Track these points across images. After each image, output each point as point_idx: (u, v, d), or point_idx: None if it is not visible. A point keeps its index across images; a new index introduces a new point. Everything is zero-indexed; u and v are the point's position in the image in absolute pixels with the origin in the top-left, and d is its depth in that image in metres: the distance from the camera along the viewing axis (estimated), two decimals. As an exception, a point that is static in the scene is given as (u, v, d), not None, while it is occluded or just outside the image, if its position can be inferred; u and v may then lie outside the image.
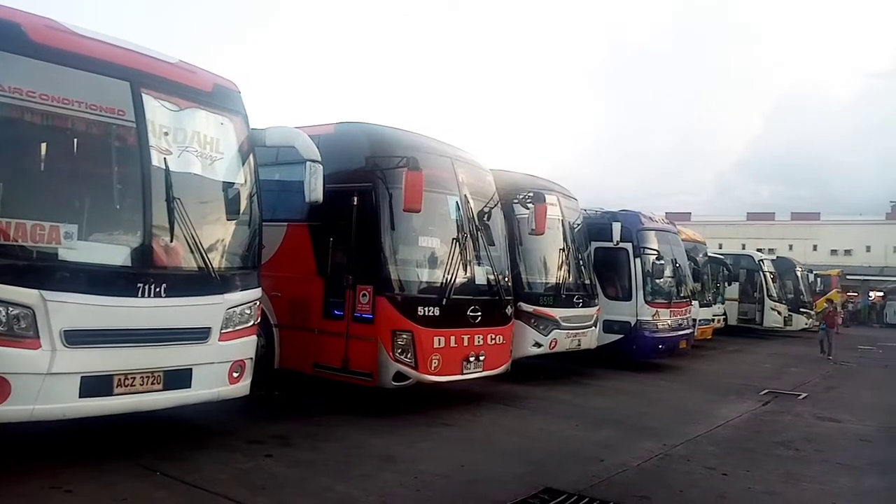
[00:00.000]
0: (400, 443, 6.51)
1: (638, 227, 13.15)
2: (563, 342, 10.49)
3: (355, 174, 7.71)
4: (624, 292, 12.84)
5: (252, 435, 6.30)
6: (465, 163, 8.71)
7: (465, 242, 8.13)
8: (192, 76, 5.90)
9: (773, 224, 56.98)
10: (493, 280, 8.54)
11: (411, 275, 7.70)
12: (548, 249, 10.78)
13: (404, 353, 7.29)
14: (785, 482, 6.10)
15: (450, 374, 7.75)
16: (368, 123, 8.17)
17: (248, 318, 6.01)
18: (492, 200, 8.90)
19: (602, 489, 5.51)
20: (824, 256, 50.27)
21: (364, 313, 7.38)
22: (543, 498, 5.16)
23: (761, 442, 7.72)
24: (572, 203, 11.84)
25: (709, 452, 7.02)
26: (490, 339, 8.25)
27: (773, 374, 14.28)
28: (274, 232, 7.70)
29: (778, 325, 24.26)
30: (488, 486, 5.40)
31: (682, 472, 6.22)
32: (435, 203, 7.98)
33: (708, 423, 8.50)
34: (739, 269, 23.81)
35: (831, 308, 20.16)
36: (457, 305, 7.83)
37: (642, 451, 6.84)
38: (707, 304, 18.46)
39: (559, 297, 10.63)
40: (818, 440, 7.96)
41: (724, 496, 5.57)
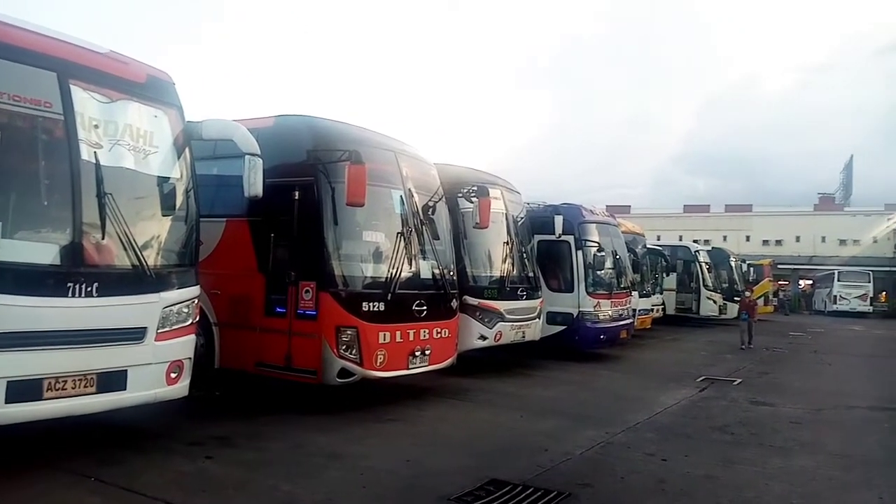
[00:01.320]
0: (345, 440, 6.46)
1: (579, 220, 13.36)
2: (507, 334, 10.59)
3: (296, 168, 7.57)
4: (566, 284, 13.03)
5: (192, 437, 6.14)
6: (409, 157, 8.67)
7: (410, 237, 8.09)
8: (124, 67, 5.69)
9: (708, 216, 58.75)
10: (438, 274, 8.54)
11: (355, 270, 7.63)
12: (492, 243, 10.85)
13: (349, 350, 7.22)
14: (722, 465, 6.31)
15: (395, 369, 7.72)
16: (309, 116, 8.03)
17: (185, 317, 5.85)
18: (436, 194, 8.88)
19: (547, 478, 5.58)
20: (757, 247, 52.12)
21: (307, 310, 7.27)
22: (489, 489, 5.20)
23: (699, 427, 7.97)
24: (515, 197, 11.94)
25: (649, 439, 7.20)
26: (436, 332, 8.26)
27: (709, 361, 14.75)
28: (212, 228, 7.52)
29: (714, 313, 25.09)
30: (434, 479, 5.41)
31: (624, 459, 6.36)
32: (379, 197, 7.92)
33: (648, 410, 8.71)
34: (677, 260, 24.51)
35: (749, 297, 19.80)
36: (402, 300, 7.80)
37: (585, 439, 6.97)
38: (646, 295, 18.93)
39: (504, 289, 10.72)
40: (752, 424, 8.26)
41: (664, 481, 5.72)
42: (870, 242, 50.82)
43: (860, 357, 17.30)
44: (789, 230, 54.85)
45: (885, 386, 12.05)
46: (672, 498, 5.28)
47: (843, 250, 51.52)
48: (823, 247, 52.93)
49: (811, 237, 53.67)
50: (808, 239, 53.65)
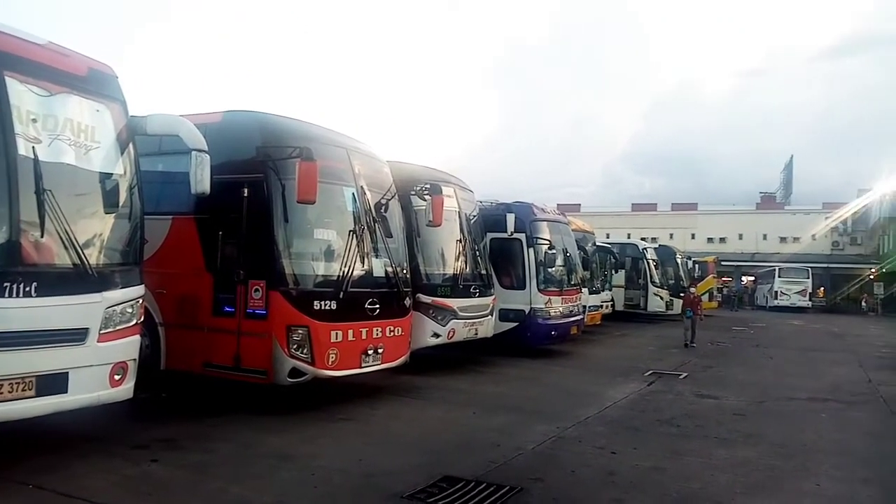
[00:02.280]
0: (296, 440, 6.38)
1: (531, 218, 13.49)
2: (460, 332, 10.63)
3: (245, 165, 7.44)
4: (518, 281, 13.16)
5: (137, 440, 5.98)
6: (362, 154, 8.60)
7: (362, 234, 8.03)
8: (64, 59, 5.49)
9: (655, 214, 60.08)
10: (391, 272, 8.51)
11: (306, 268, 7.54)
12: (445, 241, 10.87)
13: (300, 349, 7.13)
14: (669, 457, 6.46)
15: (348, 367, 7.66)
16: (258, 112, 7.89)
17: (129, 317, 5.69)
18: (389, 192, 8.84)
19: (499, 473, 5.63)
20: (701, 244, 53.56)
21: (257, 309, 7.16)
22: (442, 486, 5.21)
23: (646, 420, 8.15)
24: (468, 195, 11.99)
25: (599, 433, 7.33)
26: (388, 331, 8.22)
27: (656, 356, 15.10)
28: (158, 226, 7.35)
29: (661, 309, 25.68)
30: (387, 478, 5.39)
31: (574, 453, 6.46)
32: (330, 195, 7.84)
33: (598, 404, 8.87)
34: (625, 258, 24.97)
35: (693, 294, 18.78)
36: (354, 298, 7.75)
37: (537, 434, 7.05)
38: (596, 291, 19.27)
39: (457, 287, 10.75)
40: (698, 416, 8.49)
41: (614, 473, 5.83)
42: (809, 240, 52.74)
43: (799, 350, 17.94)
44: (733, 228, 56.56)
45: (822, 378, 12.53)
46: (621, 490, 5.38)
47: (784, 247, 53.36)
48: (765, 244, 54.77)
49: (753, 235, 55.48)
50: (750, 236, 55.44)
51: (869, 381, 12.27)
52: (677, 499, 5.23)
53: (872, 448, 7.27)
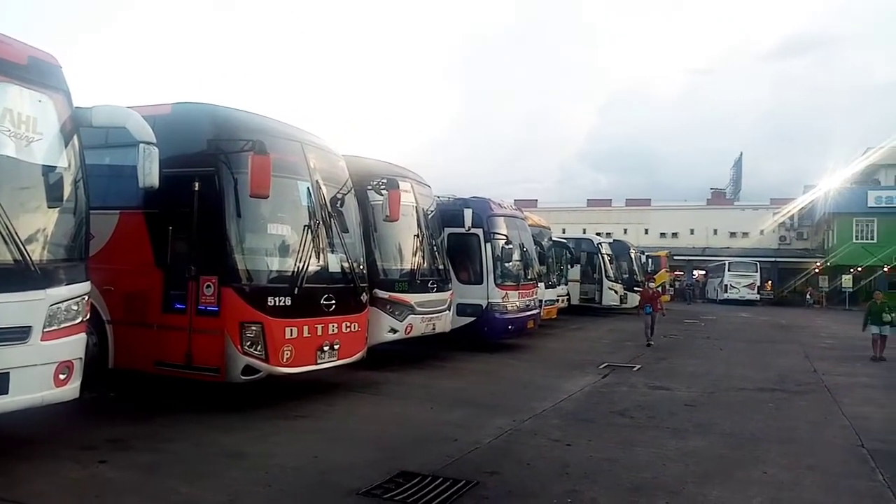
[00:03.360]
0: (250, 438, 6.28)
1: (488, 214, 13.55)
2: (418, 327, 10.62)
3: (196, 158, 7.28)
4: (476, 276, 13.19)
5: (84, 441, 5.80)
6: (317, 147, 8.50)
7: (318, 229, 7.95)
8: (3, 47, 5.27)
9: (610, 210, 61.00)
10: (347, 267, 8.43)
11: (260, 264, 7.42)
12: (402, 236, 10.83)
13: (254, 346, 7.01)
14: (622, 448, 6.57)
15: (303, 364, 7.57)
16: (209, 104, 7.71)
17: (75, 315, 5.51)
18: (345, 186, 8.76)
19: (456, 468, 5.64)
20: (654, 239, 54.64)
21: (209, 305, 7.01)
22: (398, 481, 5.19)
23: (601, 412, 8.27)
24: (426, 190, 11.97)
25: (554, 425, 7.41)
26: (345, 327, 8.15)
27: (610, 348, 15.34)
28: (105, 221, 7.16)
29: (615, 303, 26.11)
30: (343, 474, 5.34)
31: (530, 446, 6.52)
32: (284, 189, 7.74)
33: (553, 397, 8.96)
34: (580, 252, 25.33)
35: (652, 288, 17.94)
36: (309, 294, 7.66)
37: (493, 428, 7.09)
38: (552, 286, 19.46)
39: (414, 282, 10.74)
40: (650, 408, 8.65)
41: (568, 465, 5.90)
42: (757, 235, 54.21)
43: (748, 342, 18.44)
44: (684, 223, 57.81)
45: (769, 368, 12.90)
46: (575, 481, 5.44)
47: (734, 242, 54.76)
48: (715, 239, 56.11)
49: (704, 230, 56.81)
50: (701, 231, 56.76)
51: (814, 370, 12.68)
52: (630, 489, 5.31)
53: (816, 436, 7.51)
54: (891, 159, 43.02)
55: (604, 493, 5.16)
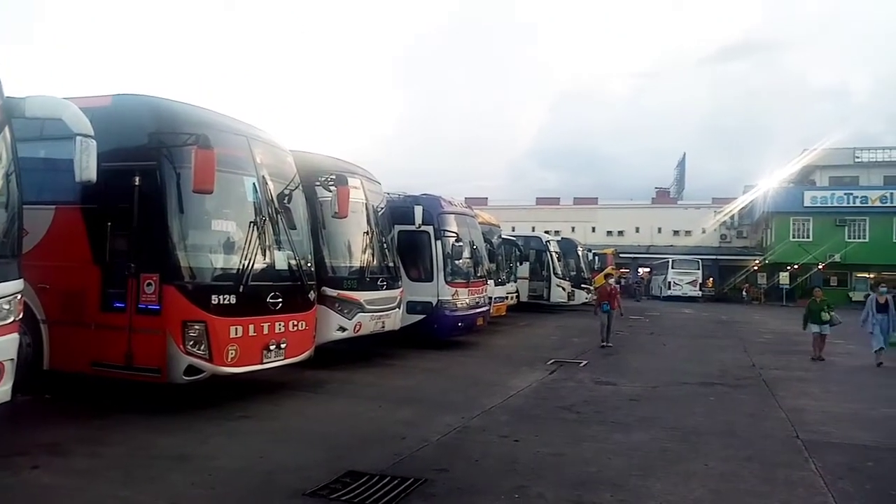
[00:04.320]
0: (193, 440, 6.13)
1: (438, 211, 13.54)
2: (367, 325, 10.53)
3: (137, 152, 7.06)
4: (426, 274, 13.18)
5: (17, 446, 5.56)
6: (263, 142, 8.33)
7: (264, 226, 7.79)
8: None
9: (558, 208, 61.81)
10: (295, 265, 8.31)
11: (203, 261, 7.23)
12: (351, 233, 10.72)
13: (197, 345, 6.84)
14: (569, 443, 6.66)
15: (248, 364, 7.42)
16: (151, 96, 7.49)
17: (6, 314, 5.29)
18: (292, 182, 8.62)
19: (404, 466, 5.62)
20: (601, 237, 55.57)
21: (150, 304, 6.80)
22: (346, 481, 5.14)
23: (548, 408, 8.36)
24: (376, 186, 11.87)
25: (503, 422, 7.46)
26: (292, 325, 8.02)
27: (558, 345, 15.55)
28: (39, 216, 6.90)
29: (563, 300, 26.46)
30: (289, 475, 5.26)
31: (479, 443, 6.54)
32: (229, 184, 7.57)
33: (502, 394, 9.02)
34: (529, 250, 25.57)
35: (611, 286, 16.42)
36: (255, 292, 7.51)
37: (442, 425, 7.09)
38: (501, 283, 19.61)
39: (363, 280, 10.65)
40: (596, 402, 8.79)
41: (516, 461, 5.94)
42: (700, 233, 55.73)
43: (690, 337, 18.95)
44: (630, 222, 59.00)
45: (710, 363, 13.27)
46: (523, 477, 5.49)
47: (677, 240, 56.18)
48: (660, 237, 57.46)
49: (649, 228, 58.11)
50: (646, 230, 58.03)
51: (753, 364, 13.11)
52: (575, 483, 5.38)
53: (754, 428, 7.75)
54: (825, 161, 44.89)
55: (550, 488, 5.22)
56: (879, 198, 41.18)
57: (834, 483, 5.58)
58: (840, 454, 6.55)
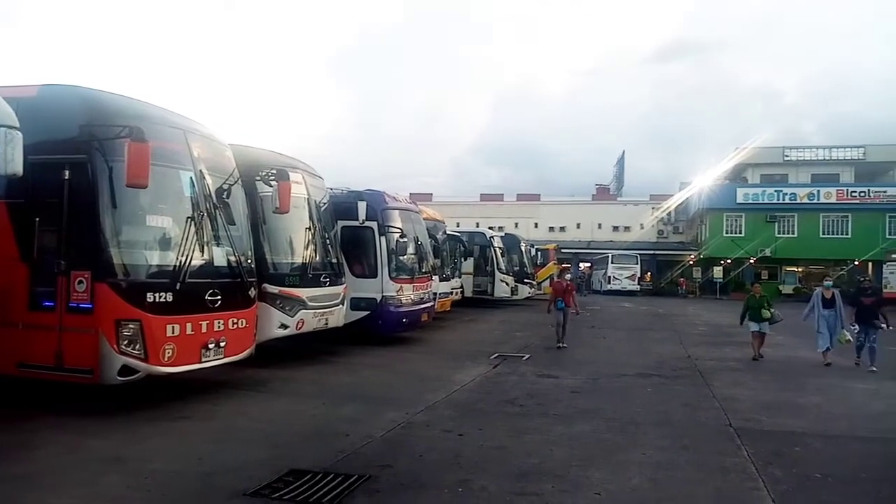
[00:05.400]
0: (128, 442, 5.95)
1: (382, 207, 13.48)
2: (310, 322, 10.41)
3: (67, 145, 6.79)
4: (370, 270, 13.11)
5: (-65, 453, 5.28)
6: (201, 136, 8.12)
7: (202, 221, 7.61)
8: None
9: (502, 204, 62.38)
10: (234, 261, 8.14)
11: (138, 258, 7.01)
12: (293, 228, 10.57)
13: (131, 345, 6.63)
14: (512, 436, 6.74)
15: (186, 363, 7.24)
16: (81, 87, 7.21)
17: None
18: (231, 177, 8.43)
19: (347, 463, 5.59)
20: (543, 233, 56.37)
21: (81, 302, 6.56)
22: (288, 480, 5.07)
23: (492, 402, 8.44)
24: (318, 181, 11.72)
25: (447, 416, 7.49)
26: (231, 323, 7.87)
27: (502, 339, 15.70)
28: (-40, 211, 6.52)
29: (506, 295, 26.77)
30: (229, 476, 5.16)
31: (423, 438, 6.56)
32: (165, 178, 7.36)
33: (446, 389, 9.06)
34: (474, 246, 25.77)
35: (566, 281, 15.54)
36: (193, 289, 7.32)
37: (387, 421, 7.07)
38: (446, 279, 19.70)
39: (306, 276, 10.51)
40: (539, 395, 8.93)
41: (460, 455, 5.98)
42: (638, 229, 57.19)
43: (629, 330, 19.41)
44: (571, 218, 60.01)
45: (648, 355, 13.64)
46: (466, 471, 5.52)
47: (617, 236, 57.46)
48: (600, 233, 58.63)
49: (590, 224, 59.24)
50: (587, 226, 59.15)
51: (688, 356, 13.53)
52: (518, 475, 5.45)
53: (690, 417, 8.01)
54: (757, 159, 46.58)
55: (493, 481, 5.27)
56: (807, 195, 43.01)
57: (764, 468, 5.82)
58: (770, 441, 6.83)
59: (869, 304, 12.13)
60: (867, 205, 41.60)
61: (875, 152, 45.68)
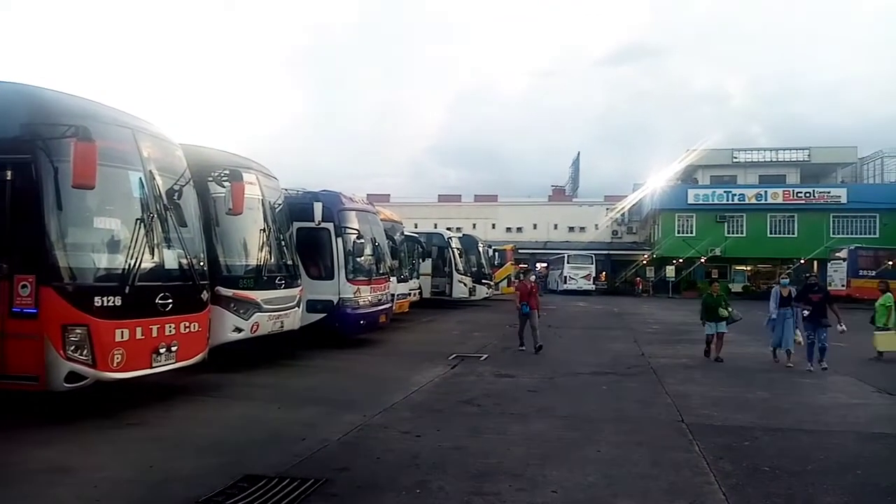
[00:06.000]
0: (77, 451, 5.77)
1: (339, 208, 13.36)
2: (265, 325, 10.25)
3: (9, 144, 6.55)
4: (326, 271, 12.99)
5: None
6: (151, 135, 7.92)
7: (152, 223, 7.43)
8: None
9: (460, 205, 62.64)
10: (186, 263, 7.96)
11: (85, 261, 6.80)
12: (247, 230, 10.40)
13: (79, 350, 6.43)
14: (469, 436, 6.76)
15: (136, 368, 7.05)
16: (24, 84, 6.96)
17: None
18: (182, 177, 8.25)
19: (304, 467, 5.52)
20: (501, 233, 56.87)
21: (25, 307, 6.33)
22: (242, 486, 4.99)
23: (450, 402, 8.45)
24: (273, 182, 11.56)
25: (404, 418, 7.47)
26: (183, 327, 7.69)
27: (460, 339, 15.75)
28: None
29: (464, 295, 26.89)
30: (182, 483, 5.05)
31: (381, 440, 6.53)
32: (113, 179, 7.16)
33: (404, 390, 9.04)
34: (432, 247, 25.81)
35: (531, 283, 14.84)
36: (143, 293, 7.13)
37: (344, 424, 7.02)
38: (404, 280, 19.67)
39: (260, 279, 10.35)
40: (496, 395, 8.98)
41: (418, 456, 5.97)
42: (593, 229, 58.09)
43: (584, 329, 19.69)
44: (528, 218, 60.65)
45: (603, 353, 13.85)
46: (425, 472, 5.52)
47: (572, 236, 58.24)
48: (556, 233, 59.41)
49: (546, 225, 59.96)
50: (543, 226, 59.85)
51: (642, 354, 13.79)
52: (476, 475, 5.47)
53: (644, 414, 8.16)
54: (707, 160, 47.86)
55: (451, 481, 5.28)
56: (755, 195, 44.32)
57: (715, 463, 5.96)
58: (720, 435, 7.00)
59: (817, 300, 11.82)
60: (812, 205, 43.10)
61: (819, 154, 47.45)
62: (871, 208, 41.82)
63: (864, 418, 8.10)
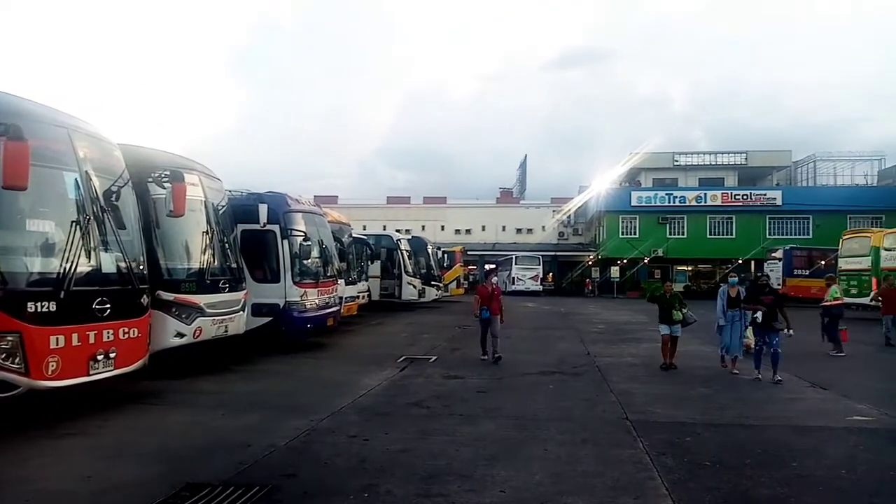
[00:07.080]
0: (8, 463, 5.54)
1: (285, 209, 13.18)
2: (208, 330, 10.01)
3: None
4: (272, 274, 12.79)
5: None
6: (87, 135, 7.66)
7: (88, 225, 7.18)
8: None
9: (408, 207, 62.57)
10: (125, 267, 7.72)
11: (16, 265, 6.51)
12: (189, 232, 10.15)
13: (10, 358, 6.15)
14: (418, 438, 6.75)
15: (73, 376, 6.79)
16: (-51, 81, 6.64)
17: None
18: (121, 178, 8.00)
19: (249, 474, 5.42)
20: (450, 235, 57.04)
21: (-49, 314, 6.03)
22: (184, 495, 4.86)
23: (398, 405, 8.42)
24: (216, 183, 11.31)
25: (352, 422, 7.41)
26: (122, 332, 7.45)
27: (409, 342, 15.72)
28: None
29: (414, 297, 26.85)
30: (120, 494, 4.89)
31: (328, 444, 6.45)
32: (47, 180, 6.90)
33: (352, 394, 8.96)
34: (380, 249, 25.66)
35: (492, 284, 13.64)
36: (79, 298, 6.88)
37: (290, 429, 6.91)
38: (352, 282, 19.52)
39: (203, 282, 10.11)
40: (445, 397, 8.99)
41: (366, 460, 5.93)
42: (540, 231, 58.84)
43: (532, 329, 19.87)
44: (477, 220, 60.99)
45: (550, 353, 14.03)
46: (372, 475, 5.48)
47: (520, 238, 58.87)
48: (504, 235, 59.91)
49: (494, 227, 60.43)
50: (491, 228, 60.30)
51: (588, 353, 14.02)
52: (424, 477, 5.46)
53: (589, 412, 8.29)
54: (649, 163, 49.10)
55: (399, 484, 5.26)
56: (695, 198, 45.63)
57: (658, 458, 6.11)
58: (663, 432, 7.17)
59: (769, 302, 10.60)
60: (749, 207, 44.63)
61: (756, 157, 49.22)
62: (805, 210, 43.55)
63: (799, 412, 8.42)
